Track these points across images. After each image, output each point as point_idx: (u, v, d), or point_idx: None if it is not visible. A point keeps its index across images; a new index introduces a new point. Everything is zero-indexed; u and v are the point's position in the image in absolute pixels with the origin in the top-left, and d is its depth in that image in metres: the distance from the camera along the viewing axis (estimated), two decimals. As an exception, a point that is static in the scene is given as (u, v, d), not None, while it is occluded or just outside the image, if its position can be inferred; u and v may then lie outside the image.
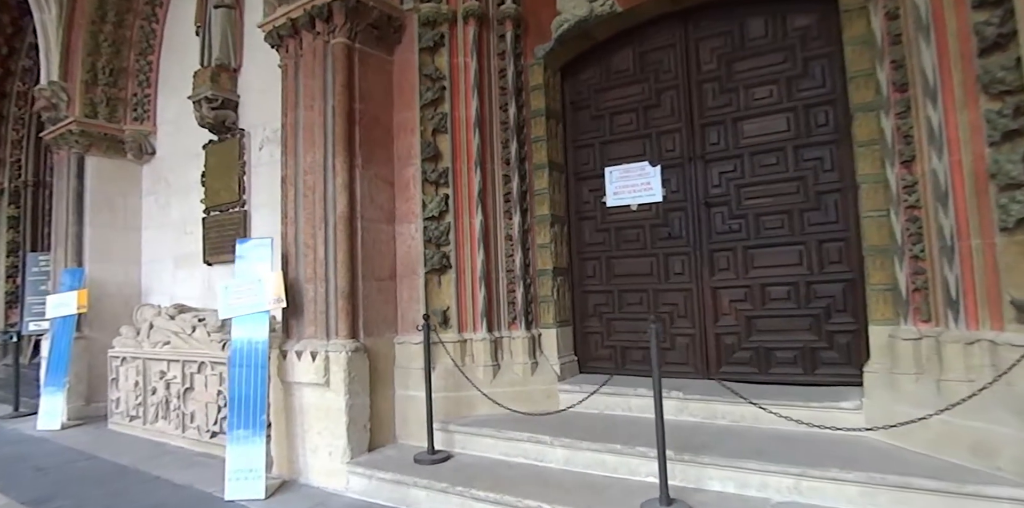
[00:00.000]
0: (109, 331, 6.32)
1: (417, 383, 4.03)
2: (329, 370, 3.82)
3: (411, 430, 4.03)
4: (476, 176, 4.23)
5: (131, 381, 5.55)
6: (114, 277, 6.52)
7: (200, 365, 4.91)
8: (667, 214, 4.20)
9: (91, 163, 6.44)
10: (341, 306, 3.89)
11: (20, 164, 8.86)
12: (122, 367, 5.68)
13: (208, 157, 5.95)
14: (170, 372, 5.19)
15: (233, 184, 5.65)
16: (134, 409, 5.51)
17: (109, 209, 6.55)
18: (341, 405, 3.76)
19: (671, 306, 4.14)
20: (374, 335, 4.03)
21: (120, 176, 6.66)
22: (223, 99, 5.66)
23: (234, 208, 5.67)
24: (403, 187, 4.27)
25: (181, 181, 6.36)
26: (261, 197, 5.52)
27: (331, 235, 3.96)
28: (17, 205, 8.80)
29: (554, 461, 3.46)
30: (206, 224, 5.93)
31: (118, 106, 6.60)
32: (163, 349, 5.31)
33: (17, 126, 8.86)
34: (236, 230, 5.61)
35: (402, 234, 4.25)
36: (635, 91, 4.39)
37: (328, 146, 4.03)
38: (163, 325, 5.41)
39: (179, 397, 5.06)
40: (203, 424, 4.84)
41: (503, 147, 4.35)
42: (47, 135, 6.57)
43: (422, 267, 4.14)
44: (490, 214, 4.25)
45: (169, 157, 6.55)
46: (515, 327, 4.24)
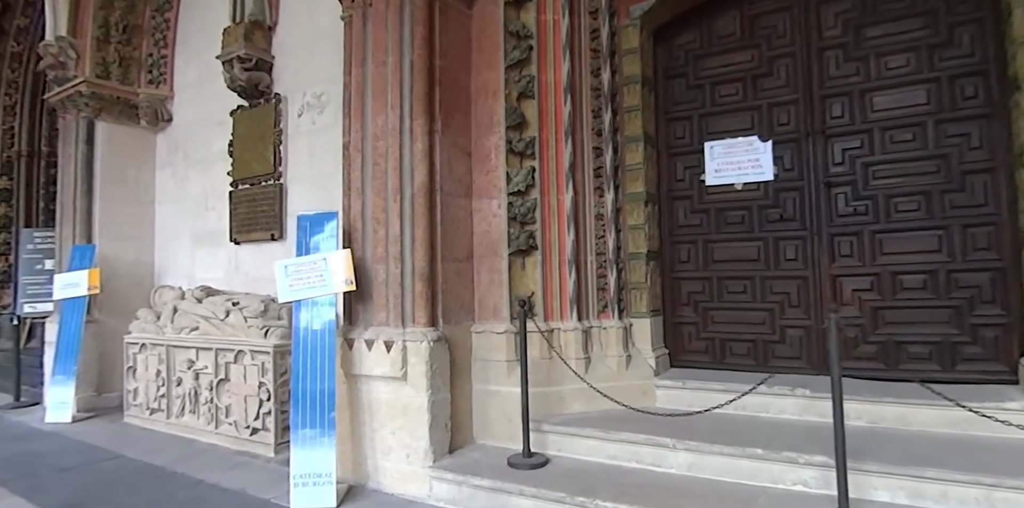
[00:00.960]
0: (120, 315, 5.75)
1: (500, 377, 3.58)
2: (407, 362, 3.34)
3: (492, 429, 3.58)
4: (566, 147, 3.75)
5: (152, 370, 5.00)
6: (126, 256, 5.92)
7: (237, 354, 4.38)
8: (778, 194, 3.77)
9: (101, 129, 5.81)
10: (419, 290, 3.40)
11: (13, 132, 8.13)
12: (141, 355, 5.11)
13: (237, 125, 5.37)
14: (200, 361, 4.65)
15: (267, 154, 5.09)
16: (155, 401, 4.96)
17: (121, 181, 5.93)
18: (422, 402, 3.29)
19: (781, 295, 3.73)
20: (452, 323, 3.55)
21: (133, 145, 6.04)
22: (257, 60, 5.08)
23: (268, 181, 5.11)
24: (482, 158, 3.78)
25: (202, 151, 5.77)
26: (300, 169, 4.97)
27: (407, 209, 3.45)
28: (10, 177, 8.08)
29: (675, 466, 3.04)
30: (233, 199, 5.36)
31: (131, 67, 5.96)
32: (191, 336, 4.76)
33: (10, 91, 8.12)
34: (270, 205, 5.06)
35: (481, 210, 3.76)
36: (742, 58, 3.94)
37: (405, 107, 3.51)
38: (190, 309, 4.85)
39: (211, 389, 4.53)
40: (241, 419, 4.32)
41: (594, 116, 3.87)
42: (52, 96, 5.91)
43: (505, 248, 3.66)
44: (580, 190, 3.78)
45: (188, 125, 5.94)
46: (606, 316, 3.79)
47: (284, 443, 4.17)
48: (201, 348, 4.64)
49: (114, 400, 5.73)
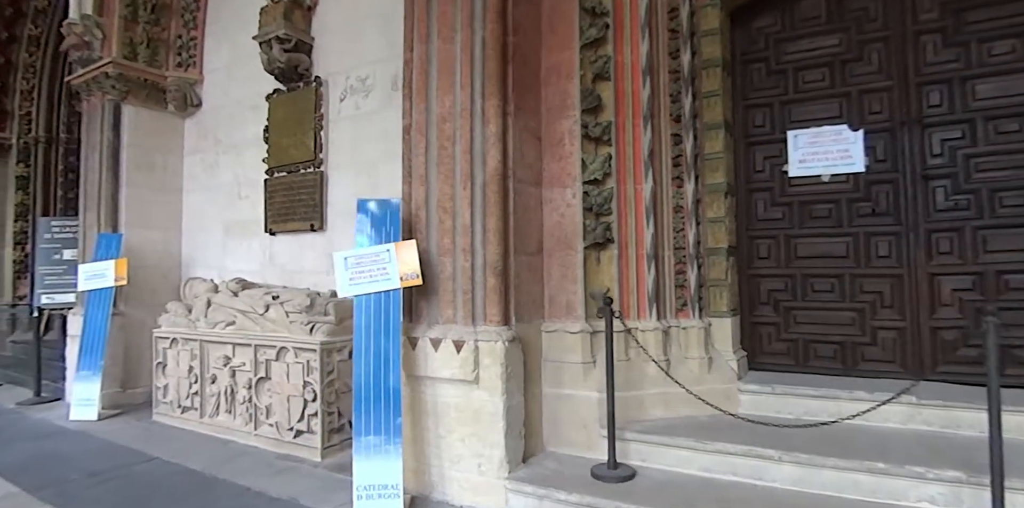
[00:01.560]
0: (147, 307, 5.37)
1: (574, 380, 3.24)
2: (479, 364, 2.98)
3: (565, 437, 3.24)
4: (645, 133, 3.39)
5: (183, 367, 4.62)
6: (153, 246, 5.53)
7: (280, 351, 4.01)
8: (870, 187, 3.43)
9: (128, 113, 5.40)
10: (491, 285, 3.04)
11: (30, 118, 7.69)
12: (171, 350, 4.73)
13: (273, 110, 4.97)
14: (237, 358, 4.28)
15: (307, 140, 4.70)
16: (187, 399, 4.58)
17: (148, 167, 5.53)
18: (497, 407, 2.93)
19: (873, 294, 3.39)
20: (523, 321, 3.19)
21: (160, 130, 5.63)
22: (296, 41, 4.69)
23: (307, 168, 4.72)
24: (554, 143, 3.42)
25: (234, 137, 5.37)
26: (342, 156, 4.59)
27: (478, 197, 3.09)
28: (27, 164, 7.65)
29: (779, 480, 2.71)
30: (269, 187, 4.97)
31: (160, 49, 5.55)
32: (227, 331, 4.38)
33: (28, 75, 7.67)
34: (310, 194, 4.68)
35: (552, 200, 3.40)
36: (829, 42, 3.58)
37: (476, 87, 3.14)
38: (225, 303, 4.47)
39: (250, 388, 4.16)
40: (284, 421, 3.96)
41: (672, 101, 3.51)
42: (76, 78, 5.49)
43: (580, 240, 3.31)
44: (658, 180, 3.42)
45: (218, 110, 5.54)
46: (684, 315, 3.44)
47: (332, 447, 3.82)
48: (238, 344, 4.27)
49: (139, 396, 5.35)
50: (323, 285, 4.62)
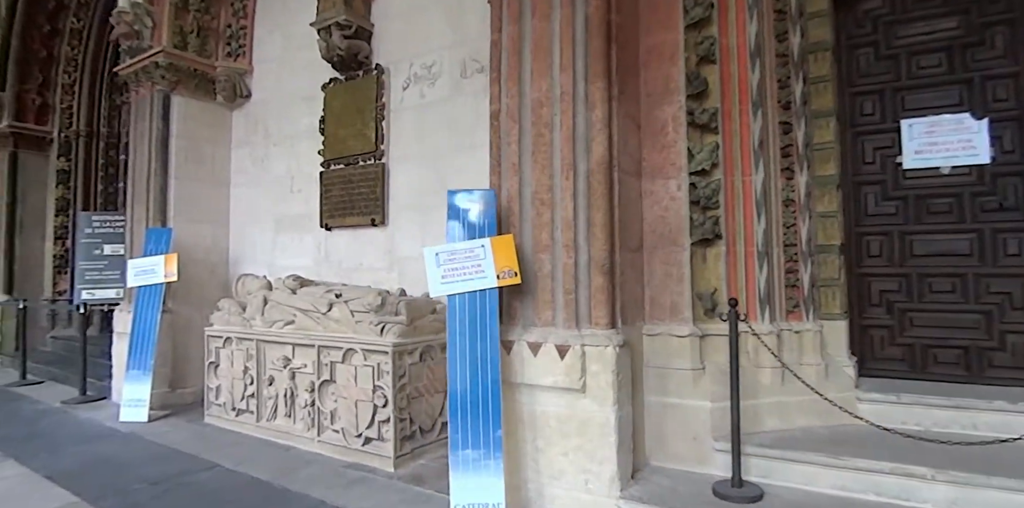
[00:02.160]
0: (195, 304, 5.06)
1: (682, 387, 2.88)
2: (586, 371, 2.63)
3: (671, 449, 2.89)
4: (755, 121, 3.03)
5: (238, 367, 4.29)
6: (201, 240, 5.20)
7: (346, 353, 3.67)
8: (996, 180, 3.05)
9: (177, 104, 5.07)
10: (598, 284, 2.69)
11: (71, 112, 7.38)
12: (225, 350, 4.40)
13: (330, 99, 4.63)
14: (297, 359, 3.94)
15: (368, 131, 4.36)
16: (242, 401, 4.25)
17: (197, 159, 5.20)
18: (607, 418, 2.58)
19: (1001, 295, 3.01)
20: (625, 323, 2.83)
21: (209, 122, 5.31)
22: (357, 27, 4.34)
23: (367, 160, 4.38)
24: (655, 131, 3.06)
25: (286, 129, 5.04)
26: (405, 147, 4.25)
27: (581, 188, 2.74)
28: (68, 158, 7.34)
29: (931, 501, 2.36)
30: (325, 180, 4.63)
31: (209, 38, 5.23)
32: (285, 330, 4.05)
33: (69, 69, 7.36)
34: (370, 187, 4.33)
35: (654, 192, 3.05)
36: (946, 26, 3.20)
37: (578, 68, 2.79)
38: (283, 301, 4.14)
39: (312, 391, 3.82)
40: (351, 427, 3.62)
41: (780, 87, 3.15)
42: (125, 69, 5.17)
43: (687, 236, 2.95)
44: (769, 172, 3.06)
45: (269, 101, 5.21)
46: (796, 317, 3.08)
47: (404, 455, 3.48)
48: (299, 344, 3.93)
49: (188, 396, 5.03)
50: (384, 283, 4.28)
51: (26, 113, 7.27)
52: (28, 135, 7.28)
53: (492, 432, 2.60)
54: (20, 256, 7.21)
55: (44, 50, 7.28)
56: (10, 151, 7.20)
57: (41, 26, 7.21)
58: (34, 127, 7.31)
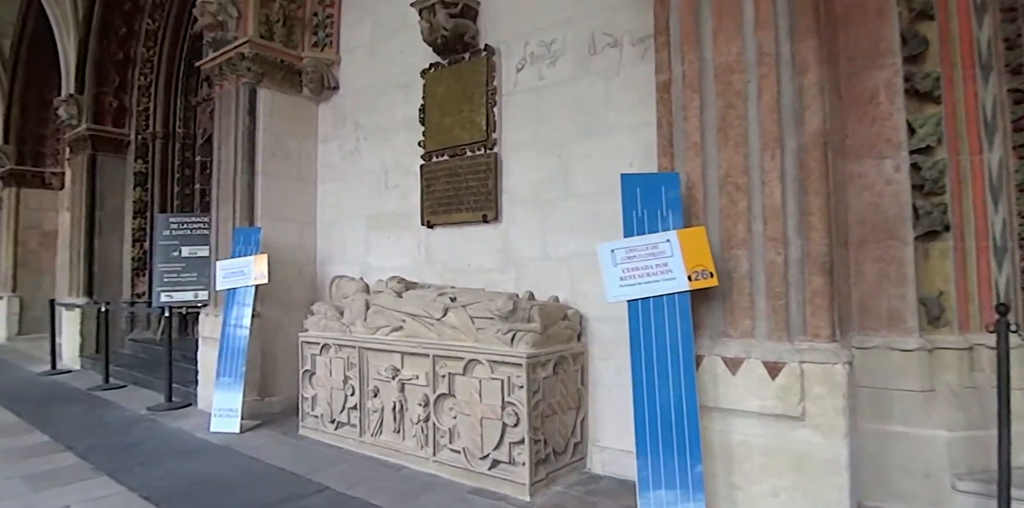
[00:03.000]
0: (282, 307, 4.65)
1: (909, 413, 2.31)
2: (806, 393, 2.06)
3: (894, 488, 2.31)
4: (985, 88, 2.41)
5: (337, 377, 3.84)
6: (288, 240, 4.79)
7: (468, 364, 3.17)
8: None
9: (263, 97, 4.68)
10: (816, 286, 2.12)
11: (147, 114, 7.13)
12: (321, 357, 3.96)
13: (431, 86, 4.16)
14: (408, 369, 3.46)
15: (476, 118, 3.86)
16: (342, 413, 3.80)
17: (284, 155, 4.80)
18: (836, 453, 2.02)
19: None
20: (842, 334, 2.25)
21: (294, 116, 4.90)
22: (463, 5, 3.86)
23: (477, 150, 3.88)
24: (863, 101, 2.47)
25: (379, 121, 4.59)
26: (521, 134, 3.73)
27: (790, 169, 2.17)
28: (145, 160, 7.09)
29: None
30: (426, 173, 4.15)
31: (295, 28, 4.82)
32: (392, 337, 3.58)
33: (145, 70, 7.12)
34: (481, 179, 3.84)
35: (862, 175, 2.46)
36: None
37: (780, 25, 2.22)
38: (389, 305, 3.66)
39: (426, 405, 3.34)
40: (474, 447, 3.11)
41: (1007, 48, 2.52)
42: (208, 62, 4.80)
43: (909, 228, 2.36)
44: (1003, 149, 2.44)
45: (358, 92, 4.77)
46: (1040, 328, 2.44)
47: (540, 481, 2.96)
48: (410, 353, 3.45)
49: (277, 405, 4.62)
50: (497, 285, 3.78)
51: (104, 116, 7.04)
52: (106, 137, 7.05)
53: (690, 468, 2.06)
54: (100, 259, 6.98)
55: (120, 52, 7.05)
56: (89, 154, 6.98)
57: (117, 28, 6.97)
58: (112, 129, 7.08)
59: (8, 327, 9.03)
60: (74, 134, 7.06)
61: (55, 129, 9.46)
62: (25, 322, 9.15)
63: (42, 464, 3.44)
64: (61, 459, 3.52)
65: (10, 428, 4.23)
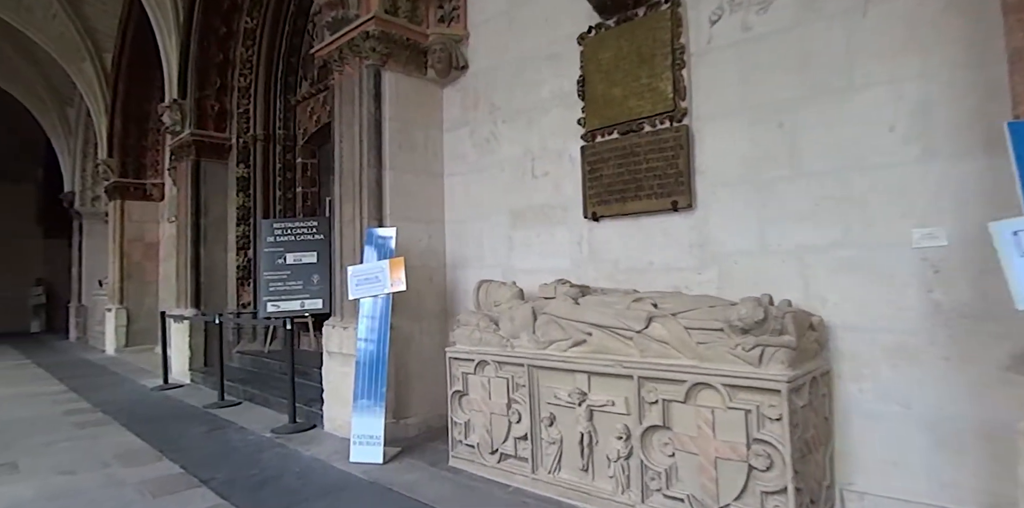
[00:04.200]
0: (412, 317, 4.15)
1: None
2: None
3: None
4: None
5: (498, 399, 3.24)
6: (416, 243, 4.27)
7: (692, 389, 2.48)
8: None
9: (389, 81, 4.18)
10: None
11: (248, 116, 6.89)
12: (476, 376, 3.38)
13: (593, 53, 3.51)
14: (598, 393, 2.81)
15: (660, 84, 3.18)
16: (507, 443, 3.20)
17: (410, 146, 4.29)
18: None
19: None
20: None
21: (419, 101, 4.39)
22: (635, -49, 3.20)
23: (660, 123, 3.20)
24: None
25: (520, 100, 3.99)
26: (719, 100, 3.03)
27: None
28: (246, 164, 6.84)
29: None
30: (589, 156, 3.51)
31: (419, 2, 4.30)
32: (573, 353, 2.94)
33: (244, 71, 6.89)
34: (667, 159, 3.15)
35: None
36: None
37: None
38: (567, 314, 3.02)
39: (626, 439, 2.67)
40: (706, 496, 2.42)
41: None
42: (325, 47, 4.36)
43: None
44: None
45: (493, 70, 4.19)
46: None
47: (815, 549, 2.22)
48: (600, 373, 2.80)
49: (412, 428, 4.10)
50: (692, 288, 3.08)
51: (206, 120, 6.85)
52: (208, 143, 6.85)
53: None
54: (205, 268, 6.76)
55: (220, 53, 6.83)
56: (193, 160, 6.79)
57: (217, 29, 6.76)
58: (214, 134, 6.88)
59: (116, 339, 9.09)
60: (178, 140, 6.90)
61: (154, 140, 9.53)
62: (132, 334, 9.20)
63: (182, 504, 3.01)
64: (199, 497, 3.08)
65: (137, 454, 3.88)
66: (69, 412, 5.27)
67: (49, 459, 3.82)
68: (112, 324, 9.14)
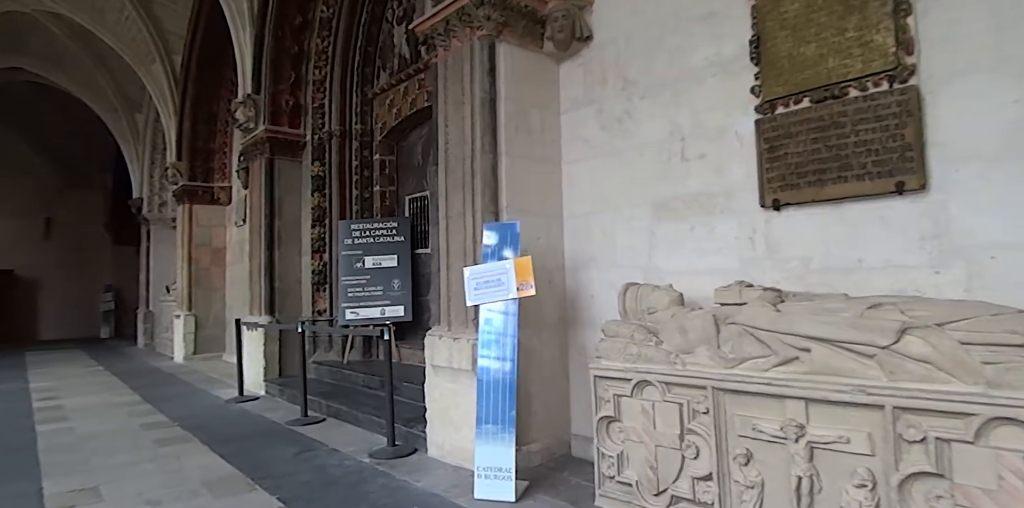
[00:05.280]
0: (531, 328, 3.62)
1: None
2: None
3: None
4: None
5: (668, 429, 2.64)
6: (535, 239, 3.72)
7: (984, 426, 1.82)
8: None
9: (504, 54, 3.67)
10: None
11: (323, 111, 6.52)
12: (632, 400, 2.78)
13: (774, 4, 2.88)
14: (821, 426, 2.18)
15: (876, 37, 2.54)
16: (678, 483, 2.60)
17: (526, 129, 3.76)
18: None
19: None
20: None
21: (535, 78, 3.87)
22: None
23: (876, 85, 2.55)
24: None
25: (664, 71, 3.40)
26: (964, 54, 2.36)
27: None
28: (322, 162, 6.46)
29: None
30: (767, 132, 2.89)
31: (535, -35, 3.79)
32: (782, 374, 2.31)
33: (320, 63, 6.53)
34: (888, 130, 2.50)
35: None
36: None
37: None
38: (766, 324, 2.40)
39: (872, 488, 2.03)
40: (1023, 578, 1.74)
41: None
42: (431, 18, 3.86)
43: None
44: None
45: (626, 38, 3.63)
46: None
47: None
48: (825, 401, 2.16)
49: (536, 456, 3.54)
50: (922, 289, 2.42)
51: (280, 116, 6.52)
52: (282, 140, 6.52)
53: None
54: (279, 273, 6.39)
55: (296, 45, 6.51)
56: (266, 158, 6.46)
57: (292, 19, 6.43)
58: (288, 130, 6.54)
59: (185, 347, 8.88)
60: (251, 138, 6.58)
61: (222, 142, 9.35)
62: (200, 341, 8.98)
63: (292, 551, 2.51)
64: (312, 543, 2.58)
65: (227, 482, 3.43)
66: (147, 426, 4.92)
67: (133, 484, 3.41)
68: (180, 331, 8.94)
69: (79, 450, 4.22)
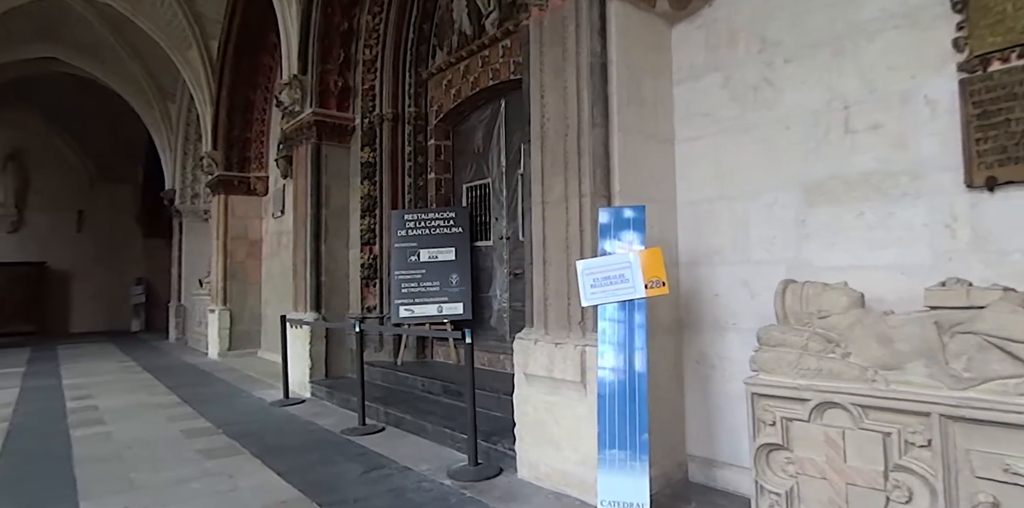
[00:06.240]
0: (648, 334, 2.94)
1: None
2: None
3: None
4: None
5: (864, 464, 2.06)
6: (649, 228, 3.07)
7: None
8: None
9: (615, 13, 3.08)
10: None
11: (374, 93, 5.97)
12: (809, 425, 2.21)
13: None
14: None
15: None
16: (886, 536, 2.00)
17: (638, 101, 3.18)
18: None
19: None
20: None
21: (647, 42, 3.28)
22: None
23: None
24: None
25: (820, 28, 2.80)
26: None
27: None
28: (372, 147, 5.92)
29: None
30: (979, 94, 2.28)
31: (651, -92, 3.19)
32: (1049, 400, 1.71)
33: (370, 42, 5.98)
34: None
35: None
36: None
37: None
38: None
39: None
40: None
41: None
42: (525, -26, 3.29)
43: None
44: None
45: (760, -4, 3.02)
46: None
47: None
48: None
49: (653, 483, 2.92)
50: None
51: (328, 98, 5.99)
52: (330, 124, 5.99)
53: None
54: (326, 266, 5.88)
55: (345, 22, 5.97)
56: (313, 143, 5.94)
57: (343, -8, 5.89)
58: (336, 114, 6.01)
59: (220, 342, 8.42)
60: (296, 121, 6.06)
61: (258, 131, 8.88)
62: (234, 336, 8.52)
63: None
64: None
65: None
66: (188, 433, 4.43)
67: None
68: (215, 326, 8.48)
69: (118, 462, 3.73)
